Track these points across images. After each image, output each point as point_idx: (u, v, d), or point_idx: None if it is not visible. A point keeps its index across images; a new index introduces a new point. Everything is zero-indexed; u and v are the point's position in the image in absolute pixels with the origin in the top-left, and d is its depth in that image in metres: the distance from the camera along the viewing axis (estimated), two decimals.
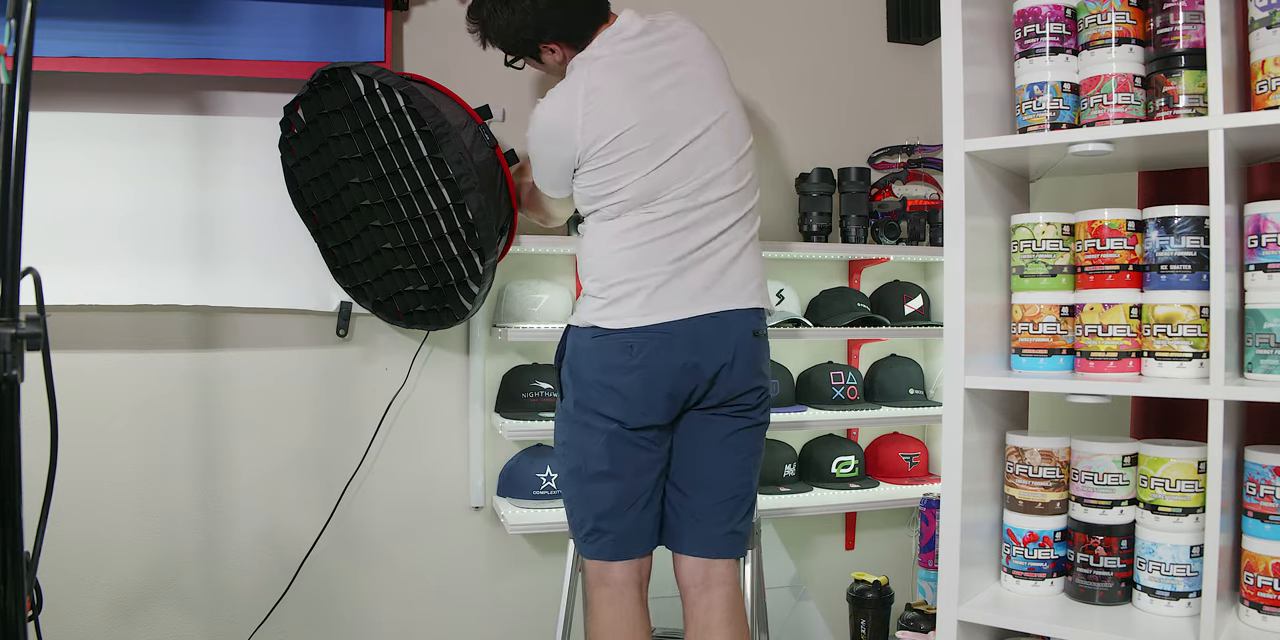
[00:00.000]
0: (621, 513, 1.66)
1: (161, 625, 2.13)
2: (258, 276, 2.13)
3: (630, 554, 1.68)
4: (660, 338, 1.63)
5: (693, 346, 1.64)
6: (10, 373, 0.96)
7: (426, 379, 2.28)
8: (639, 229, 1.66)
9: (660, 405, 1.65)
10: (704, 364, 1.65)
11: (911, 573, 2.46)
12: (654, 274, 1.64)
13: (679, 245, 1.66)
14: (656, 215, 1.66)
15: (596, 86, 1.68)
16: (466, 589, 2.33)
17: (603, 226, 1.71)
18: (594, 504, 1.67)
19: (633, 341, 1.63)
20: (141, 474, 2.11)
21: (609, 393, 1.64)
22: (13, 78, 0.98)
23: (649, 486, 1.68)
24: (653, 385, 1.63)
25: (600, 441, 1.65)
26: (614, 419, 1.64)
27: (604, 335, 1.65)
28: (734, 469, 1.71)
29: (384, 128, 1.85)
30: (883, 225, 2.40)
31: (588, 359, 1.66)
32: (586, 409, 1.66)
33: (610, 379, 1.64)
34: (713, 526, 1.70)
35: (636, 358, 1.63)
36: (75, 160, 2.01)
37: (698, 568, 1.70)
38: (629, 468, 1.65)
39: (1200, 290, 1.36)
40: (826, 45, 2.60)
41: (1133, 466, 1.45)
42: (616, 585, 1.68)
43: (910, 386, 2.50)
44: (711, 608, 1.69)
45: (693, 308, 1.65)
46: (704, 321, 1.65)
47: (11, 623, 0.99)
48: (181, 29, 1.98)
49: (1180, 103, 1.35)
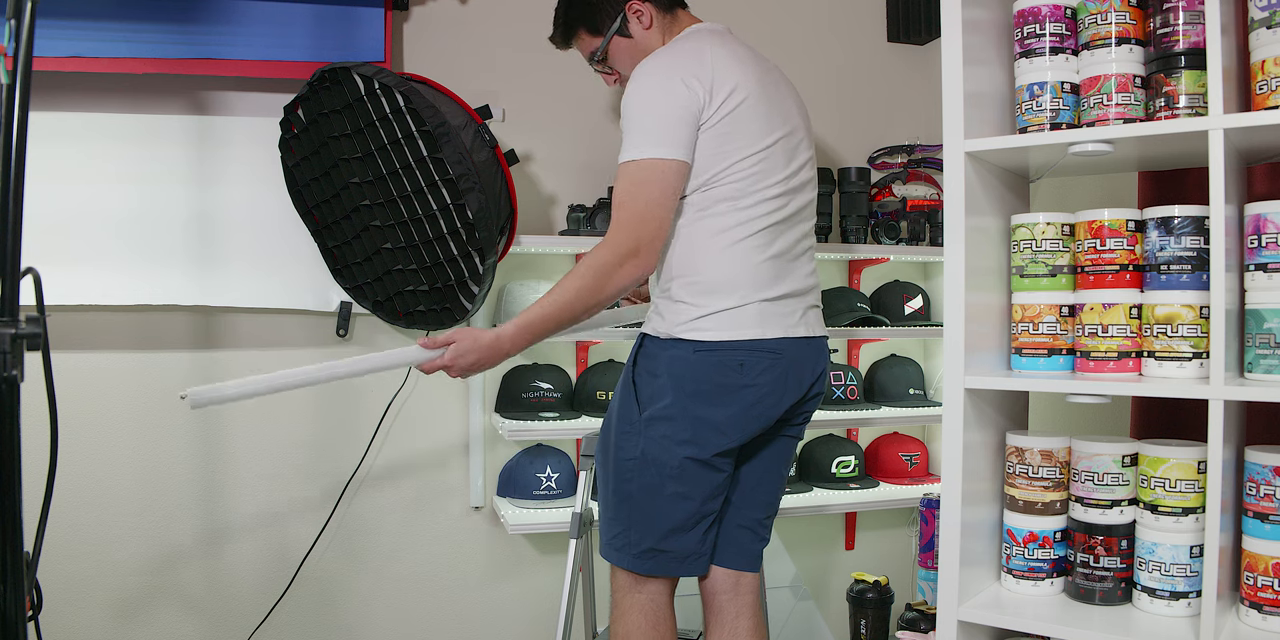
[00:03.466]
0: (686, 533, 1.59)
1: (161, 625, 2.13)
2: (257, 276, 2.13)
3: (691, 572, 1.63)
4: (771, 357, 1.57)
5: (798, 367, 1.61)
6: (10, 373, 0.96)
7: (426, 379, 2.28)
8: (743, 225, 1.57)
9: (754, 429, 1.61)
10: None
11: (911, 573, 2.46)
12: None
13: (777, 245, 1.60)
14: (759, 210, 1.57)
15: (719, 45, 1.60)
16: (466, 589, 2.33)
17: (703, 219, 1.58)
18: (660, 522, 1.57)
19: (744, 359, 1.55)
20: (141, 474, 2.11)
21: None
22: (13, 78, 0.98)
23: (716, 508, 1.62)
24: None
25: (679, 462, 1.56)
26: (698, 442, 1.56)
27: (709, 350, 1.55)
28: (781, 485, 1.72)
29: (384, 128, 1.85)
30: (883, 225, 2.40)
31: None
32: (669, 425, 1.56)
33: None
34: (755, 541, 1.69)
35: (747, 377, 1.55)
36: (75, 160, 2.01)
37: (728, 577, 1.69)
38: (704, 490, 1.58)
39: (1200, 290, 1.36)
40: (826, 45, 2.60)
41: (1133, 466, 1.45)
42: (652, 593, 1.62)
43: (910, 386, 2.50)
44: (740, 614, 1.69)
45: (798, 329, 1.61)
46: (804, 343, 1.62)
47: (11, 623, 0.99)
48: (181, 29, 1.98)
49: (1180, 103, 1.35)
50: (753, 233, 1.56)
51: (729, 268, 1.55)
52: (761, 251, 1.57)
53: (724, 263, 1.55)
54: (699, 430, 1.54)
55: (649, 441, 1.56)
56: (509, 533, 2.26)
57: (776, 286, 1.58)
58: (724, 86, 1.53)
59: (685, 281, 1.56)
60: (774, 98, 1.63)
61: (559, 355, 2.35)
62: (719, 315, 1.54)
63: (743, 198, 1.56)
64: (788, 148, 1.62)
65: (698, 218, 1.56)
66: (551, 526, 2.08)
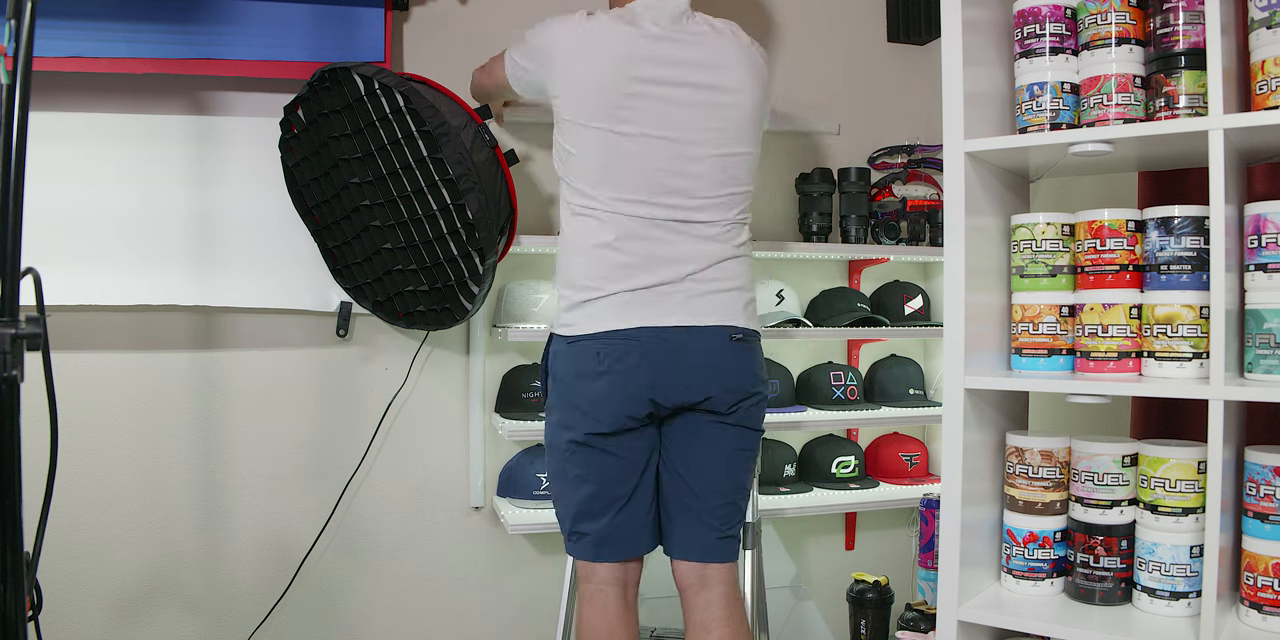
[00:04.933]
0: (596, 516, 1.65)
1: (161, 625, 2.13)
2: (257, 276, 2.13)
3: (612, 556, 1.67)
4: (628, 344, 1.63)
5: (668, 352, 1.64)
6: (10, 373, 0.96)
7: (426, 379, 2.28)
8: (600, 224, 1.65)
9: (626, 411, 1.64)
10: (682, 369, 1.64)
11: (911, 573, 2.46)
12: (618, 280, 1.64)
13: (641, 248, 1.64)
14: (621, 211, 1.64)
15: (590, 40, 1.65)
16: (466, 589, 2.33)
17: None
18: (571, 505, 1.68)
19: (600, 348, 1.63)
20: (141, 474, 2.11)
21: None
22: (13, 78, 0.98)
23: (625, 493, 1.66)
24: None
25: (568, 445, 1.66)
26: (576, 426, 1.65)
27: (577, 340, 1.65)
28: (726, 475, 1.70)
29: (384, 128, 1.85)
30: (883, 225, 2.40)
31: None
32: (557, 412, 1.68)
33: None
34: (706, 531, 1.69)
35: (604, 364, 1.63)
36: (75, 160, 2.01)
37: (693, 570, 1.70)
38: (600, 474, 1.65)
39: (1200, 290, 1.36)
40: (826, 45, 2.60)
41: (1133, 466, 1.45)
42: (598, 583, 1.68)
43: (910, 386, 2.50)
44: (710, 606, 1.69)
45: (666, 318, 1.64)
46: (676, 331, 1.64)
47: (11, 623, 0.99)
48: (181, 29, 1.98)
49: (1180, 103, 1.35)
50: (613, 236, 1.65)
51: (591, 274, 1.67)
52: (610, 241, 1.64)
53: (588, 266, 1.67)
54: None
55: (548, 428, 1.72)
56: (509, 533, 2.26)
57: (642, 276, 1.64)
58: (567, 77, 1.66)
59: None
60: (648, 100, 1.64)
61: None
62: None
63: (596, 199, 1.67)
64: (655, 149, 1.65)
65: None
66: (551, 526, 2.07)
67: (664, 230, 1.64)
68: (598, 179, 1.65)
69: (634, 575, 1.72)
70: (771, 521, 2.51)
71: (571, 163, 1.68)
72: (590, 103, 1.64)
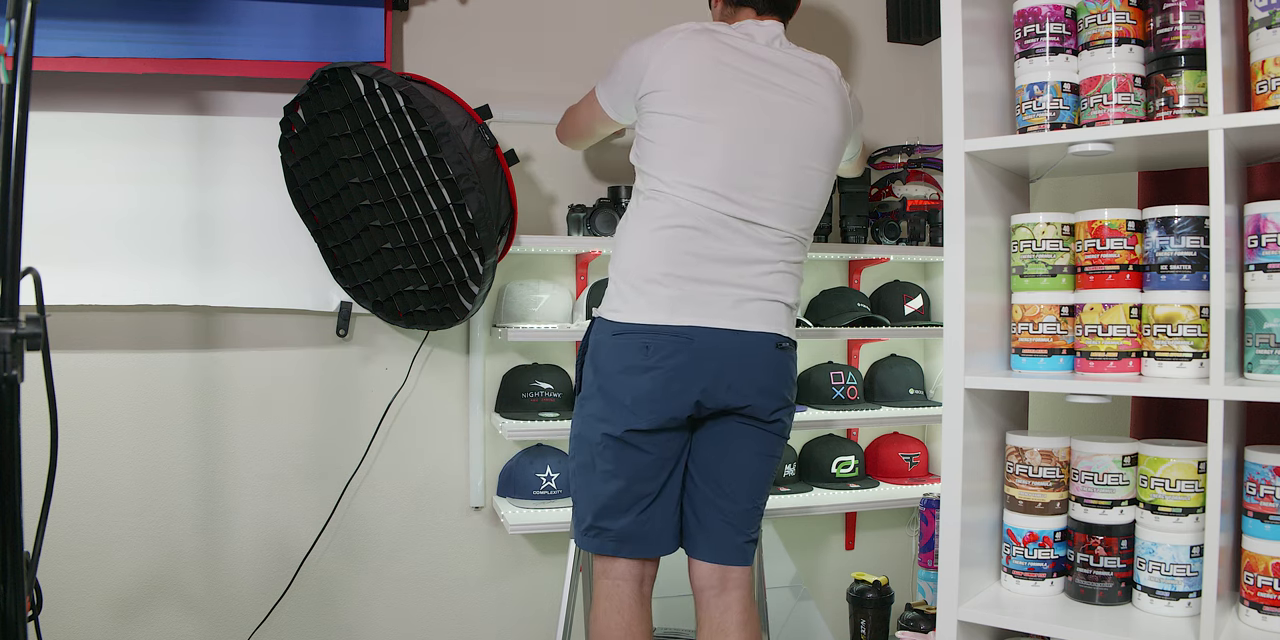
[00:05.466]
0: (619, 513, 1.65)
1: (161, 625, 2.13)
2: (257, 276, 2.13)
3: (631, 554, 1.67)
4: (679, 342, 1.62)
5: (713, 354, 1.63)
6: (10, 373, 0.96)
7: (426, 379, 2.28)
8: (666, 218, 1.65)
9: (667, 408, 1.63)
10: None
11: (911, 573, 2.46)
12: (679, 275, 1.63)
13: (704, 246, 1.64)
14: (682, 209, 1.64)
15: (681, 39, 1.68)
16: (466, 589, 2.33)
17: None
18: (595, 500, 1.66)
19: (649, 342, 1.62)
20: (141, 474, 2.11)
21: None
22: (13, 78, 0.98)
23: (653, 490, 1.66)
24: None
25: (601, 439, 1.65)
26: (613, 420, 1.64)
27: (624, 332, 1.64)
28: (757, 479, 1.71)
29: (384, 128, 1.85)
30: (883, 225, 2.40)
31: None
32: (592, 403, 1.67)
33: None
34: (733, 534, 1.69)
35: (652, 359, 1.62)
36: (75, 160, 2.01)
37: (714, 572, 1.70)
38: (630, 470, 1.64)
39: (1200, 290, 1.36)
40: (826, 45, 2.60)
41: (1133, 466, 1.45)
42: (614, 578, 1.68)
43: (910, 386, 2.50)
44: (728, 609, 1.69)
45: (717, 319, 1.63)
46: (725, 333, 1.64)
47: (11, 623, 0.99)
48: (181, 29, 1.98)
49: (1180, 103, 1.35)
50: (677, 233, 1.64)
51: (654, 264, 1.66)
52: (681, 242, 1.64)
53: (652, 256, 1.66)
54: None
55: (581, 419, 1.70)
56: (509, 533, 2.26)
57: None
58: (657, 73, 1.67)
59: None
60: (733, 104, 1.66)
61: (559, 355, 2.35)
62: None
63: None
64: (743, 152, 1.67)
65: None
66: (551, 526, 2.08)
67: (729, 228, 1.64)
68: (674, 163, 1.65)
69: (651, 572, 1.72)
70: (771, 521, 2.51)
71: (650, 150, 1.68)
72: (680, 89, 1.65)
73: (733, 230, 1.64)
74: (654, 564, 1.73)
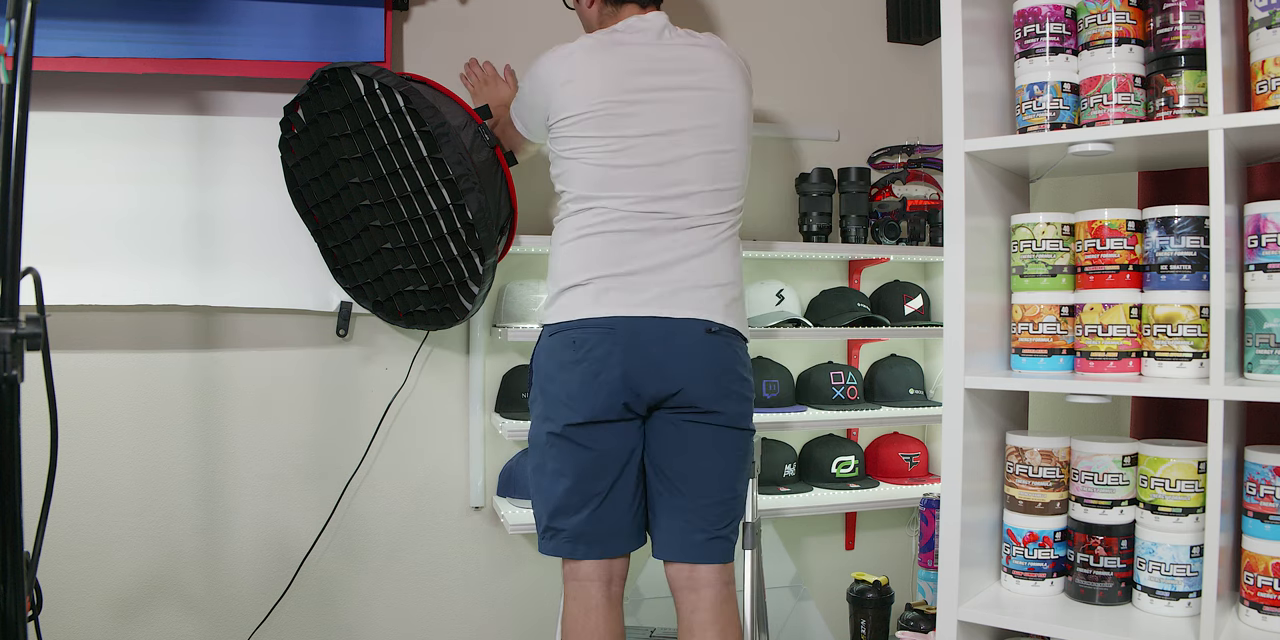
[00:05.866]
0: (572, 512, 1.65)
1: (161, 625, 2.13)
2: (257, 276, 2.13)
3: (589, 554, 1.66)
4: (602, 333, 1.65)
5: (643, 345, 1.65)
6: (10, 373, 0.96)
7: (426, 379, 2.28)
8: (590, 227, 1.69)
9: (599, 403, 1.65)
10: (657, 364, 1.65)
11: (911, 573, 2.46)
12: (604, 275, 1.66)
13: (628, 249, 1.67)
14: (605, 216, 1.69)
15: (582, 60, 1.72)
16: (466, 589, 2.33)
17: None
18: (548, 501, 1.68)
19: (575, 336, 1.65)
20: (141, 474, 2.11)
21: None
22: (13, 78, 0.98)
23: (603, 488, 1.65)
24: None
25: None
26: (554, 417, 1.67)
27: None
28: (712, 475, 1.68)
29: (384, 128, 1.85)
30: (883, 225, 2.40)
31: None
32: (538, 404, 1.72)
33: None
34: (693, 532, 1.67)
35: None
36: (75, 160, 2.01)
37: (681, 571, 1.70)
38: (576, 468, 1.65)
39: (1200, 290, 1.36)
40: (826, 45, 2.60)
41: (1133, 466, 1.45)
42: (580, 580, 1.68)
43: (910, 386, 2.50)
44: (696, 609, 1.68)
45: (641, 309, 1.65)
46: (650, 322, 1.66)
47: (11, 623, 0.99)
48: (181, 29, 1.98)
49: (1180, 103, 1.35)
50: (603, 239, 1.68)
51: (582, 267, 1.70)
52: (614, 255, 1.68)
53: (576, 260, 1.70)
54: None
55: (531, 424, 1.74)
56: (509, 533, 2.26)
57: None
58: (562, 101, 1.72)
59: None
60: (642, 109, 1.70)
61: None
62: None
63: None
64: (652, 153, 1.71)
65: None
66: None
67: (649, 220, 1.67)
68: (595, 181, 1.70)
69: (619, 571, 1.71)
70: (771, 521, 2.51)
71: (570, 168, 1.73)
72: (590, 113, 1.69)
73: (657, 229, 1.67)
74: (622, 563, 1.72)
